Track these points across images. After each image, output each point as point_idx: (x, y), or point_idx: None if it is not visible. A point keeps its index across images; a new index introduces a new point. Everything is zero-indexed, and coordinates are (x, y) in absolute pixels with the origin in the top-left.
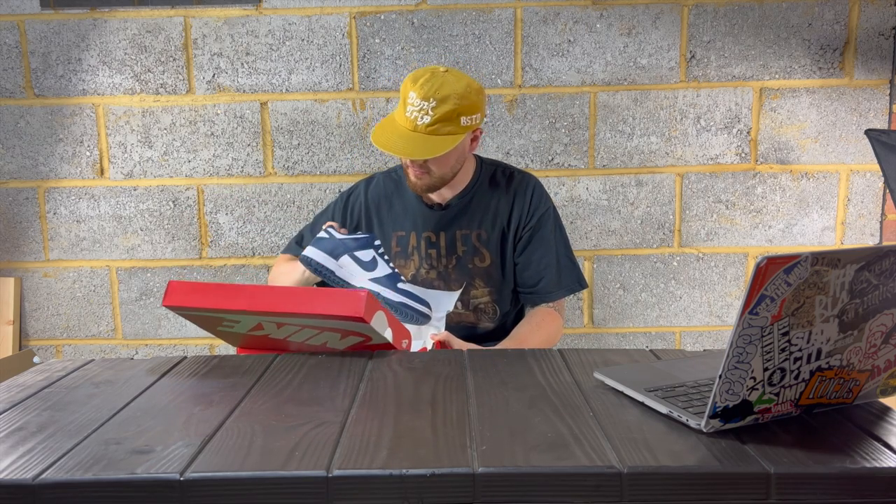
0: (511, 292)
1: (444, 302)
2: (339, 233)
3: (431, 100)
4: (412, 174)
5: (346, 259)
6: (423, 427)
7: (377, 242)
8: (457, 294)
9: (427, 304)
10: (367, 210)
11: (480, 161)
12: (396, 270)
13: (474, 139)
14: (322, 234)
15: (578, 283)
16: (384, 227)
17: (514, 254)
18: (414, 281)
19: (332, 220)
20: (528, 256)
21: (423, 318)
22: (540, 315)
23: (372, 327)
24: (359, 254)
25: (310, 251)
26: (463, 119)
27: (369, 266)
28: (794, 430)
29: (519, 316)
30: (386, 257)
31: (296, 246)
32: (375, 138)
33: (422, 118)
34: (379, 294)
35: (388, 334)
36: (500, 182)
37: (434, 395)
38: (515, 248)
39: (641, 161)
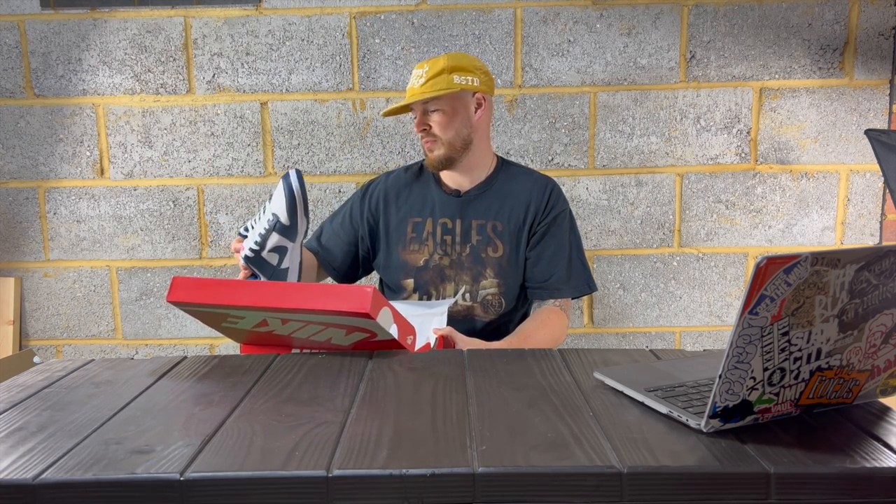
0: (519, 288)
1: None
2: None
3: (425, 66)
4: (424, 145)
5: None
6: (423, 427)
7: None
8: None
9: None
10: (387, 196)
11: (502, 159)
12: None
13: (479, 107)
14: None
15: (588, 285)
16: (401, 213)
17: (526, 248)
18: (426, 267)
19: (351, 209)
20: (539, 252)
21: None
22: (545, 313)
23: (378, 323)
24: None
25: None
26: (456, 77)
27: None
28: (794, 430)
29: (523, 319)
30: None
31: (314, 241)
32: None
33: (418, 81)
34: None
35: (394, 330)
36: (519, 178)
37: (434, 395)
38: (528, 243)
39: (641, 161)
